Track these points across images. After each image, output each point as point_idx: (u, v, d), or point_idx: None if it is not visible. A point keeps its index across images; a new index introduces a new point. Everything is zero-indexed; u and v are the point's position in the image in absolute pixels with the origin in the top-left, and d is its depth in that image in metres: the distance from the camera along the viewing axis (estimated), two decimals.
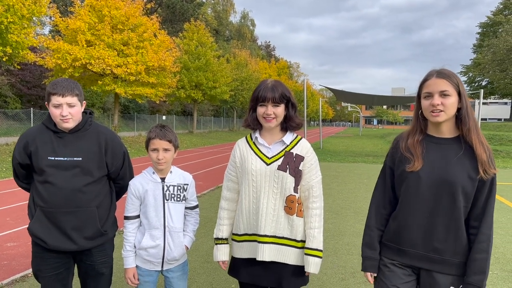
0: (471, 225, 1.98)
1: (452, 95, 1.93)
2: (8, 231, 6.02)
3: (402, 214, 2.07)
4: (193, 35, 34.54)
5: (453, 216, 1.95)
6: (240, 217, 2.39)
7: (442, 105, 1.93)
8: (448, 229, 1.97)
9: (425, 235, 2.00)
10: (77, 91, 2.40)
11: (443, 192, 1.95)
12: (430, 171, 1.98)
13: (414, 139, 2.07)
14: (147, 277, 2.59)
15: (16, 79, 24.15)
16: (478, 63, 46.76)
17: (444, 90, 1.93)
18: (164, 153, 2.49)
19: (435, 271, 2.00)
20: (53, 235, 2.41)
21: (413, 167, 2.01)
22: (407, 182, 2.04)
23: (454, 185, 1.92)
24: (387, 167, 2.19)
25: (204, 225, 6.26)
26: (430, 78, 1.99)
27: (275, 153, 2.33)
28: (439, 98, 1.94)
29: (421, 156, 2.01)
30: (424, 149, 2.04)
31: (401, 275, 2.08)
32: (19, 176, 2.58)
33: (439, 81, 1.95)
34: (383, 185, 2.19)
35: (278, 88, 2.29)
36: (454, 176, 1.93)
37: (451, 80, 1.94)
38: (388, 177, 2.17)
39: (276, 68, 70.30)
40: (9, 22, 14.36)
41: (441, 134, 2.04)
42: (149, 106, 37.06)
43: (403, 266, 2.08)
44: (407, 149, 2.07)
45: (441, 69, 2.00)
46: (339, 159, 17.62)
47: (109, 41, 20.71)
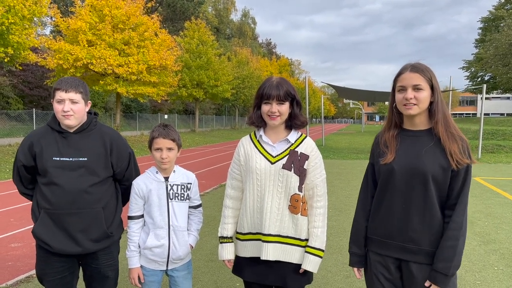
0: (446, 214, 2.01)
1: (425, 89, 1.99)
2: (12, 231, 6.04)
3: (379, 206, 2.14)
4: (194, 33, 34.52)
5: (427, 205, 1.99)
6: (244, 216, 2.37)
7: (415, 99, 1.99)
8: (423, 219, 2.00)
9: (401, 226, 2.05)
10: (81, 89, 2.39)
11: (416, 182, 1.99)
12: (402, 161, 2.04)
13: (389, 134, 2.14)
14: (152, 277, 2.58)
15: (18, 80, 24.18)
16: (480, 58, 46.51)
17: (417, 84, 1.99)
18: (167, 152, 2.48)
19: (412, 261, 2.03)
20: (57, 238, 2.39)
21: (386, 159, 2.07)
22: (382, 174, 2.11)
23: (425, 175, 1.96)
24: (369, 164, 2.27)
25: (208, 224, 6.25)
26: (404, 72, 2.05)
27: (280, 151, 2.31)
28: (412, 92, 1.99)
29: (395, 149, 2.08)
30: (399, 142, 2.10)
31: (387, 267, 2.11)
32: (24, 181, 2.53)
33: (413, 75, 2.00)
34: (366, 182, 2.26)
35: (283, 85, 2.27)
36: (424, 166, 1.97)
37: (425, 74, 1.99)
38: (369, 173, 2.25)
39: (278, 66, 70.30)
40: (10, 23, 14.37)
41: (414, 127, 2.09)
42: (151, 105, 37.06)
43: (387, 257, 2.11)
44: (384, 144, 2.14)
45: (416, 63, 2.06)
46: (342, 156, 17.60)
47: (110, 40, 20.70)
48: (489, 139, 25.10)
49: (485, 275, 4.35)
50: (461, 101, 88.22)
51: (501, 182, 10.49)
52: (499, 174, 12.13)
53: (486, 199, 8.37)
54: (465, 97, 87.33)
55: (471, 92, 53.56)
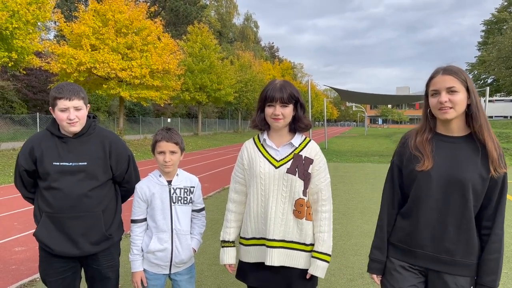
0: (484, 226, 1.94)
1: (460, 91, 1.89)
2: (16, 235, 6.05)
3: (411, 214, 2.03)
4: (196, 37, 34.61)
5: (464, 216, 1.91)
6: (248, 220, 2.35)
7: (450, 102, 1.89)
8: (459, 230, 1.93)
9: (436, 236, 1.96)
10: (82, 94, 2.40)
11: (454, 191, 1.91)
12: (441, 170, 1.94)
13: (423, 138, 2.03)
14: (155, 281, 2.58)
15: (22, 84, 24.30)
16: (483, 61, 46.37)
17: (451, 86, 1.90)
18: (171, 156, 2.48)
19: (445, 272, 1.96)
20: (58, 241, 2.41)
21: (423, 166, 1.96)
22: (417, 181, 2.00)
23: (465, 185, 1.89)
24: (394, 166, 2.14)
25: (211, 228, 6.24)
26: (437, 76, 1.96)
27: (284, 155, 2.29)
28: (446, 95, 1.90)
29: (430, 155, 1.97)
30: (434, 147, 1.99)
31: (409, 277, 2.03)
32: (26, 185, 2.54)
33: (446, 78, 1.91)
34: (392, 185, 2.15)
35: (286, 88, 2.25)
36: (465, 175, 1.89)
37: (458, 76, 1.90)
38: (396, 176, 2.13)
39: (280, 69, 70.36)
40: (14, 27, 14.44)
41: (450, 132, 2.00)
42: (154, 109, 37.15)
43: (411, 267, 2.04)
44: (415, 147, 2.02)
45: (448, 66, 1.97)
46: (345, 159, 17.56)
47: (113, 45, 20.80)
48: None
49: None
50: None
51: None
52: None
53: None
54: None
55: None
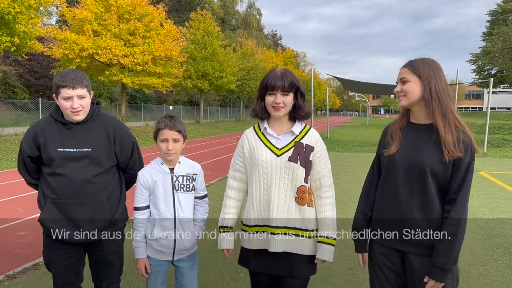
0: (445, 209, 2.02)
1: (411, 80, 2.04)
2: (19, 220, 6.10)
3: (381, 197, 2.18)
4: (199, 24, 34.35)
5: (426, 198, 2.01)
6: (251, 208, 2.38)
7: (403, 91, 2.07)
8: (423, 212, 2.03)
9: (402, 218, 2.07)
10: (86, 82, 2.39)
11: (415, 175, 2.02)
12: (404, 155, 2.07)
13: (397, 126, 2.18)
14: (158, 267, 2.61)
15: (24, 69, 24.25)
16: (487, 52, 45.94)
17: (402, 77, 2.08)
18: (173, 144, 2.49)
19: (411, 253, 2.06)
20: (63, 227, 2.42)
21: (389, 151, 2.13)
22: (385, 166, 2.16)
23: (423, 168, 1.99)
24: (376, 155, 2.30)
25: (212, 215, 6.27)
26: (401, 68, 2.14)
27: (285, 144, 2.31)
28: (399, 85, 2.10)
29: (398, 141, 2.11)
30: (404, 135, 2.13)
31: (390, 258, 2.14)
32: (30, 171, 2.56)
33: (401, 70, 2.10)
34: (372, 172, 2.30)
35: (287, 76, 2.27)
36: (424, 160, 2.00)
37: (412, 67, 2.05)
38: (375, 164, 2.28)
39: (283, 58, 69.90)
40: (17, 12, 14.35)
41: (417, 120, 2.12)
42: (156, 96, 37.09)
43: (390, 249, 2.14)
44: (390, 135, 2.18)
45: (414, 58, 2.11)
46: (347, 149, 17.56)
47: (115, 31, 20.68)
48: (495, 133, 24.96)
49: (489, 269, 4.36)
50: (467, 95, 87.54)
51: (506, 177, 10.44)
52: (504, 168, 12.07)
53: (490, 193, 8.34)
54: (472, 91, 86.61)
55: (477, 85, 53.05)
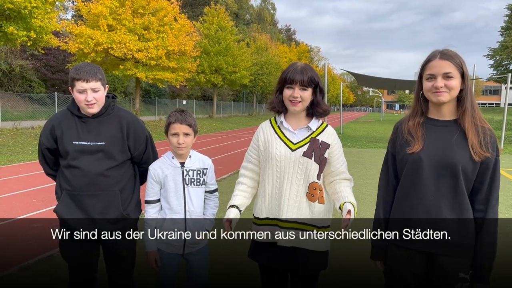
0: (477, 209, 1.95)
1: (455, 77, 1.92)
2: (34, 212, 6.20)
3: (404, 198, 2.04)
4: (213, 19, 34.34)
5: (457, 198, 1.93)
6: (263, 201, 2.38)
7: (446, 87, 1.92)
8: (453, 212, 1.94)
9: (430, 218, 1.97)
10: (100, 75, 2.41)
11: (445, 174, 1.92)
12: (431, 153, 1.95)
13: (414, 121, 2.04)
14: (169, 261, 2.62)
15: (40, 63, 24.58)
16: (506, 46, 44.98)
17: (447, 72, 1.91)
18: (184, 138, 2.49)
19: (441, 254, 1.97)
20: (77, 218, 2.46)
21: (413, 148, 1.98)
22: (408, 164, 2.01)
23: (455, 167, 1.90)
24: (389, 153, 2.16)
25: (223, 209, 6.29)
26: (433, 60, 1.96)
27: (301, 139, 2.30)
28: (442, 81, 1.92)
29: (421, 138, 1.99)
30: (425, 131, 2.01)
31: (411, 260, 2.04)
32: (48, 162, 2.63)
33: (443, 63, 1.93)
34: (387, 173, 2.16)
35: (307, 71, 2.23)
36: (455, 157, 1.91)
37: (455, 62, 1.92)
38: (390, 163, 2.15)
39: (297, 52, 69.48)
40: (33, 6, 14.51)
41: (441, 116, 2.01)
42: (169, 91, 37.27)
43: (412, 251, 2.04)
44: (408, 132, 2.04)
45: (445, 49, 1.97)
46: (360, 145, 17.42)
47: (130, 25, 20.80)
48: None
49: (503, 268, 4.28)
50: (484, 91, 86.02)
51: None
52: None
53: (508, 190, 8.18)
54: (489, 87, 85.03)
55: (495, 81, 51.95)
